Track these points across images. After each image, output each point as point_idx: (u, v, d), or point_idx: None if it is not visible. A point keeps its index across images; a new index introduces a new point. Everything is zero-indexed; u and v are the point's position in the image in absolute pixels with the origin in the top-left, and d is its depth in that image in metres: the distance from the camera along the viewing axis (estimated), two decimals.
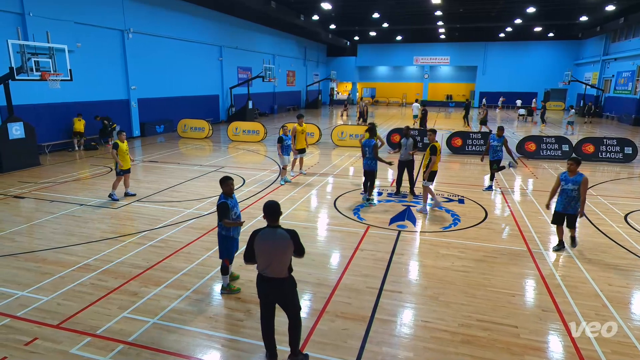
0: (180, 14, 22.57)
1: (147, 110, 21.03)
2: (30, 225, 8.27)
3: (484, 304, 5.47)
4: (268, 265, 3.97)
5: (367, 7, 29.28)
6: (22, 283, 5.87)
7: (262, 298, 4.16)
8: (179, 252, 6.94)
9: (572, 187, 6.71)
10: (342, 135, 18.58)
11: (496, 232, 8.14)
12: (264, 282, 4.06)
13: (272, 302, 4.14)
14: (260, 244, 3.97)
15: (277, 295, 4.11)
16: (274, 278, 4.00)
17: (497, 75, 44.27)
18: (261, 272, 4.04)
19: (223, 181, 5.41)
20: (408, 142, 10.21)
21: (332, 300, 5.52)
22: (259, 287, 4.13)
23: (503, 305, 5.44)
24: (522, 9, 29.24)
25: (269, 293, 4.09)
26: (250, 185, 11.32)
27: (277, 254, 3.93)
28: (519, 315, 5.20)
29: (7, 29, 13.54)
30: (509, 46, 43.52)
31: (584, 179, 6.66)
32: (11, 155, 12.82)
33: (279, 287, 4.04)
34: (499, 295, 5.69)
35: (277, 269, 3.97)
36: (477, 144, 16.66)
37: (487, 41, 43.73)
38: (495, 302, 5.51)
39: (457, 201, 10.11)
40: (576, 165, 6.74)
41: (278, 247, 3.92)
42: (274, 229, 3.97)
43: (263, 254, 3.97)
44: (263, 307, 4.20)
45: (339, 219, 8.79)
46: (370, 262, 6.67)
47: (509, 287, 5.92)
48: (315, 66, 46.64)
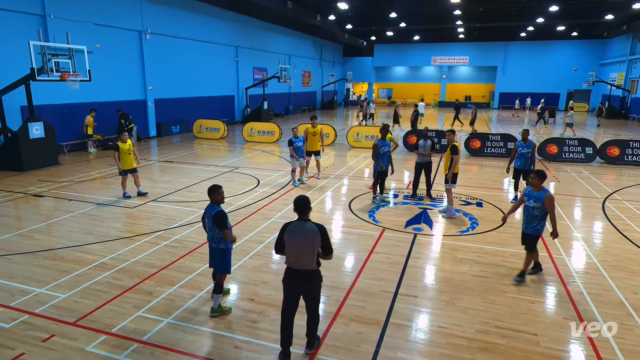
0: (197, 15, 22.88)
1: (164, 110, 21.37)
2: (49, 223, 8.48)
3: (502, 310, 5.38)
4: (297, 259, 4.14)
5: (385, 6, 29.19)
6: (41, 280, 6.02)
7: (287, 291, 4.29)
8: (193, 253, 7.02)
9: (534, 204, 5.92)
10: (357, 136, 18.54)
11: (515, 236, 7.98)
12: (292, 274, 4.21)
13: (297, 295, 4.28)
14: (290, 236, 4.14)
15: (304, 288, 4.24)
16: (302, 270, 4.16)
17: (518, 76, 43.55)
18: (290, 265, 4.21)
19: (214, 189, 5.00)
20: (426, 144, 10.12)
21: (346, 303, 5.50)
22: (286, 280, 4.27)
23: (522, 312, 5.34)
24: (545, 8, 28.71)
25: (296, 285, 4.23)
26: (265, 187, 11.38)
27: (306, 246, 4.09)
28: (539, 323, 5.10)
29: (28, 31, 13.93)
30: (530, 46, 42.77)
31: (546, 196, 5.82)
32: (31, 155, 13.18)
33: (306, 279, 4.19)
34: (518, 301, 5.59)
35: (306, 261, 4.13)
36: (496, 146, 16.43)
37: (508, 41, 43.06)
38: (514, 308, 5.42)
39: (475, 204, 9.98)
40: (539, 180, 5.95)
41: (307, 240, 4.08)
42: (304, 223, 4.15)
43: (292, 246, 4.13)
44: (286, 301, 4.31)
45: (354, 221, 8.76)
46: (386, 265, 6.64)
47: (529, 293, 5.81)
48: (331, 66, 46.67)
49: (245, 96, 28.23)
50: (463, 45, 45.19)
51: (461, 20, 34.11)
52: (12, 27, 13.91)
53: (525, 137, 9.84)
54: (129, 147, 9.98)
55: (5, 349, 4.51)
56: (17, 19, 14.10)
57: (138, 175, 10.42)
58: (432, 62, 46.99)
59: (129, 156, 10.01)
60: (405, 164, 14.49)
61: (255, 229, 8.14)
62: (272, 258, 7.02)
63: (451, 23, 35.13)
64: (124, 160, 9.95)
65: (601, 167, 14.69)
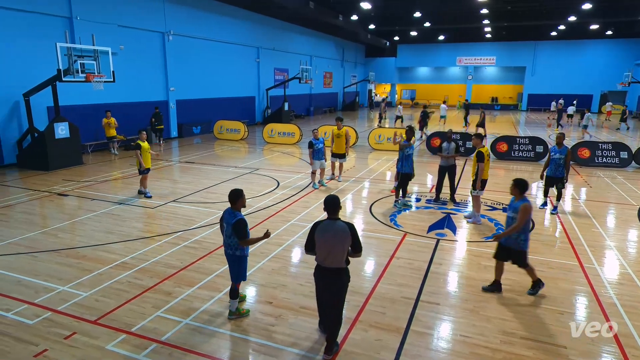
0: (219, 16, 23.24)
1: (185, 111, 21.78)
2: (73, 222, 8.74)
3: (529, 320, 5.24)
4: (327, 257, 4.30)
5: (409, 6, 28.97)
6: (64, 278, 6.21)
7: (318, 287, 4.55)
8: (212, 254, 7.12)
9: (512, 214, 5.65)
10: (379, 138, 18.44)
11: (544, 244, 7.80)
12: (321, 271, 4.41)
13: (326, 291, 4.48)
14: (321, 235, 4.30)
15: (330, 285, 4.40)
16: (331, 268, 4.33)
17: (548, 77, 42.49)
18: (320, 263, 4.39)
19: (237, 196, 4.92)
20: (450, 147, 9.98)
21: (365, 309, 5.47)
22: (318, 279, 4.49)
23: (550, 323, 5.20)
24: (577, 6, 27.95)
25: (324, 283, 4.44)
26: (284, 189, 11.45)
27: (336, 244, 4.26)
28: (568, 335, 4.95)
29: (55, 33, 14.44)
30: (561, 45, 41.71)
31: (521, 207, 5.51)
32: (57, 154, 13.63)
33: (335, 276, 4.36)
34: (545, 312, 5.44)
35: (336, 259, 4.30)
36: (524, 150, 16.07)
37: (537, 40, 42.10)
38: (541, 319, 5.28)
39: (501, 210, 9.78)
40: (515, 189, 5.67)
41: (337, 238, 4.25)
42: (334, 221, 4.32)
43: (323, 245, 4.29)
44: (317, 291, 4.61)
45: (375, 224, 8.72)
46: (407, 271, 6.57)
47: (558, 303, 5.65)
48: (353, 67, 46.62)
49: (266, 97, 28.49)
50: (490, 45, 44.41)
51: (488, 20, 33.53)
52: (39, 29, 14.44)
53: (561, 141, 9.39)
54: (148, 147, 10.36)
55: (29, 344, 4.67)
56: (44, 21, 14.63)
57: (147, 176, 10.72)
58: (458, 62, 46.36)
59: (149, 155, 10.38)
60: (429, 167, 14.33)
61: (274, 231, 8.19)
62: (291, 261, 7.05)
63: (478, 22, 34.57)
64: (146, 159, 10.26)
65: (637, 173, 14.18)
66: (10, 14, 13.62)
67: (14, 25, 13.78)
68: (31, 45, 14.22)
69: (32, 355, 4.50)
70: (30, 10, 14.16)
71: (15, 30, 13.83)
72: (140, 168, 10.35)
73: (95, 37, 13.42)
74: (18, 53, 13.93)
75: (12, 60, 13.78)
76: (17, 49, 13.91)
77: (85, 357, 4.48)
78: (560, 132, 9.86)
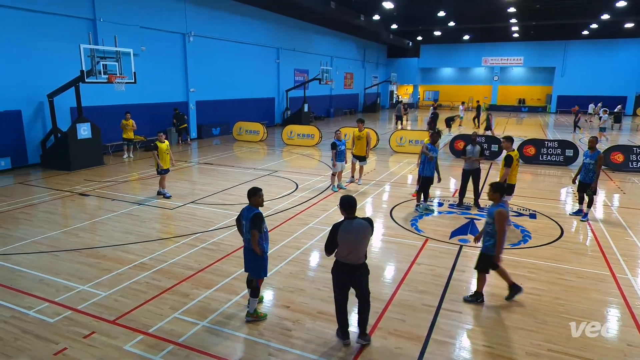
0: (239, 17, 23.53)
1: (205, 112, 22.11)
2: (93, 222, 8.97)
3: (556, 332, 5.11)
4: (349, 253, 4.51)
5: (433, 5, 28.74)
6: (84, 278, 6.37)
7: (339, 284, 4.69)
8: (230, 256, 7.19)
9: (487, 219, 5.57)
10: (401, 140, 18.31)
11: (573, 252, 7.59)
12: (344, 268, 4.59)
13: (348, 287, 4.69)
14: (344, 235, 4.48)
15: (354, 280, 4.65)
16: (353, 264, 4.55)
17: (579, 78, 41.40)
18: (342, 260, 4.58)
19: (255, 192, 5.11)
20: (475, 150, 9.83)
21: (385, 316, 5.43)
22: (337, 274, 4.66)
23: (579, 335, 5.05)
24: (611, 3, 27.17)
25: (347, 278, 4.64)
26: (303, 191, 11.48)
27: (360, 241, 4.52)
28: (599, 349, 4.80)
29: (79, 34, 14.86)
30: (593, 45, 40.62)
31: (496, 212, 5.37)
32: (79, 155, 14.02)
33: (357, 271, 4.60)
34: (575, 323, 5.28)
35: (357, 255, 4.55)
36: (552, 154, 15.70)
37: (568, 39, 41.13)
38: (570, 330, 5.13)
39: (528, 216, 9.57)
40: (493, 193, 5.53)
41: (360, 235, 4.50)
42: (353, 220, 4.55)
43: (346, 243, 4.49)
44: (339, 293, 4.72)
45: (395, 229, 8.65)
46: (428, 277, 6.49)
47: (588, 315, 5.48)
48: (375, 68, 46.47)
49: (286, 98, 28.67)
50: (517, 44, 43.60)
51: (516, 18, 32.93)
52: (63, 31, 14.91)
53: (593, 145, 9.06)
54: (166, 148, 10.48)
55: (49, 342, 4.81)
56: (68, 23, 15.09)
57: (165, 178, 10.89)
58: (483, 62, 45.67)
59: (167, 156, 10.53)
60: (452, 170, 14.14)
61: (293, 234, 8.21)
62: (309, 265, 7.06)
63: (504, 21, 34.00)
64: (163, 160, 10.47)
65: None
66: (35, 16, 14.10)
67: (39, 28, 14.27)
68: (55, 46, 14.69)
69: (52, 353, 4.63)
70: (55, 12, 14.63)
71: (41, 32, 14.32)
72: (158, 168, 10.56)
73: (117, 38, 13.79)
74: (43, 54, 14.41)
75: (37, 61, 14.26)
76: (42, 51, 14.39)
77: (103, 356, 4.58)
78: (593, 136, 9.54)
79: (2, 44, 13.28)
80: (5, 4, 13.19)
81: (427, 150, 9.49)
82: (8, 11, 13.36)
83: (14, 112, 13.83)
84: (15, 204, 10.17)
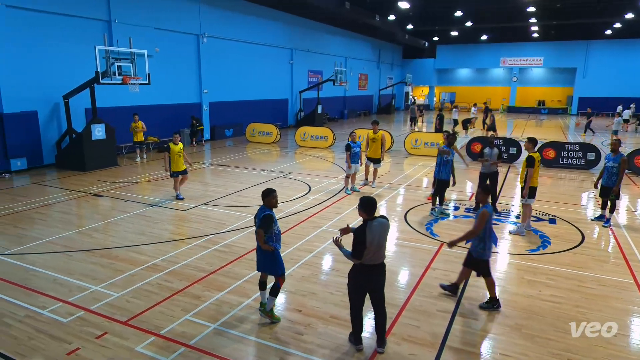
0: (253, 18, 23.69)
1: (218, 113, 22.31)
2: (107, 222, 9.11)
3: (577, 341, 5.00)
4: (374, 253, 4.57)
5: (450, 5, 28.54)
6: (97, 278, 6.47)
7: (356, 286, 4.69)
8: (242, 258, 7.22)
9: None
10: (416, 143, 18.20)
11: (595, 259, 7.44)
12: (364, 269, 4.61)
13: (366, 290, 4.70)
14: (371, 237, 4.52)
15: (372, 280, 4.66)
16: (375, 265, 4.62)
17: (601, 78, 40.61)
18: (367, 262, 4.57)
19: (268, 193, 5.18)
20: (492, 152, 9.72)
21: (398, 321, 5.39)
22: (357, 277, 4.67)
23: (601, 345, 4.94)
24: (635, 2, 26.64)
25: (365, 279, 4.65)
26: (316, 193, 11.48)
27: (383, 239, 4.63)
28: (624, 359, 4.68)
29: (95, 36, 15.14)
30: (617, 45, 39.81)
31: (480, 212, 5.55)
32: (93, 155, 14.27)
33: (375, 271, 4.65)
34: (596, 332, 5.17)
35: (380, 254, 4.64)
36: (573, 157, 15.42)
37: (590, 39, 40.41)
38: (591, 340, 5.02)
39: (547, 221, 9.41)
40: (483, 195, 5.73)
41: (383, 233, 4.62)
42: (373, 221, 4.60)
43: (372, 245, 4.53)
44: (356, 296, 4.72)
45: (410, 233, 8.59)
46: (443, 282, 6.42)
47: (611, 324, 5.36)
48: (390, 69, 46.33)
49: (299, 100, 28.75)
50: (537, 44, 43.00)
51: (535, 18, 32.49)
52: (79, 32, 15.20)
53: (616, 148, 8.90)
54: (179, 150, 10.51)
55: (62, 342, 4.89)
56: (84, 25, 15.38)
57: (186, 178, 10.93)
58: (501, 63, 45.15)
59: (180, 158, 10.54)
60: (469, 173, 14.00)
61: (305, 237, 8.22)
62: (322, 268, 7.05)
63: (524, 21, 33.57)
64: (175, 163, 10.48)
65: None
66: (52, 18, 14.42)
67: (56, 29, 14.58)
68: (71, 48, 14.98)
69: (65, 353, 4.70)
70: (71, 14, 14.94)
71: (57, 34, 14.62)
72: (170, 171, 10.58)
73: (132, 39, 14.01)
74: (59, 56, 14.71)
75: (53, 62, 14.56)
76: (58, 52, 14.69)
77: (115, 357, 4.64)
78: (616, 139, 9.35)
79: (19, 46, 13.59)
80: (24, 6, 13.51)
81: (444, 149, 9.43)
82: (26, 13, 13.68)
83: (31, 112, 14.14)
84: (31, 204, 10.39)
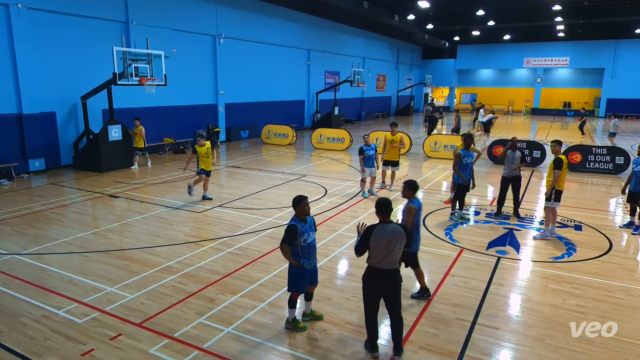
0: (270, 18, 23.86)
1: (233, 115, 22.52)
2: (122, 224, 9.27)
3: (603, 354, 4.88)
4: (384, 258, 4.53)
5: (471, 4, 28.29)
6: (112, 279, 6.59)
7: (370, 292, 4.67)
8: (256, 262, 7.26)
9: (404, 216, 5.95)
10: (435, 145, 18.05)
11: (623, 267, 7.25)
12: (377, 274, 4.59)
13: (379, 296, 4.66)
14: (378, 238, 4.52)
15: (387, 287, 4.62)
16: (388, 270, 4.57)
17: (631, 79, 39.65)
18: (376, 265, 4.58)
19: (299, 201, 4.92)
20: (515, 156, 9.57)
21: (415, 329, 5.34)
22: (370, 281, 4.64)
23: (629, 358, 4.81)
24: None
25: (379, 285, 4.62)
26: (332, 197, 11.48)
27: (395, 247, 4.54)
28: None
29: (112, 37, 15.47)
30: None
31: (407, 207, 5.87)
32: (109, 156, 14.55)
33: (391, 277, 4.61)
34: (624, 345, 5.04)
35: (393, 260, 4.58)
36: (601, 161, 15.08)
37: (619, 39, 39.51)
38: (618, 353, 4.89)
39: (572, 227, 9.22)
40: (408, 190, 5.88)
41: (394, 240, 4.53)
42: (387, 224, 4.59)
43: (380, 247, 4.52)
44: (369, 302, 4.69)
45: (428, 238, 8.51)
46: (463, 290, 6.35)
47: (638, 336, 5.21)
48: (409, 70, 46.10)
49: (316, 101, 28.81)
50: (563, 44, 42.26)
51: (561, 17, 31.95)
52: (97, 34, 15.56)
53: None
54: (206, 150, 10.71)
55: (77, 343, 4.99)
56: (102, 26, 15.73)
57: (209, 180, 11.07)
58: (525, 64, 44.51)
59: (207, 159, 10.75)
60: (489, 177, 13.81)
61: (321, 241, 8.21)
62: (337, 273, 7.04)
63: (549, 20, 33.05)
64: (204, 163, 10.72)
65: None
66: (71, 19, 14.79)
67: (74, 31, 14.95)
68: (89, 49, 15.33)
69: (80, 354, 4.79)
70: (90, 15, 15.30)
71: (76, 35, 14.99)
72: (198, 168, 10.75)
73: (149, 41, 14.26)
74: (77, 57, 15.07)
75: (71, 64, 14.92)
76: (77, 53, 15.05)
77: (129, 359, 4.71)
78: None
79: (38, 47, 13.97)
80: (43, 7, 13.89)
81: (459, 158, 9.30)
82: (45, 15, 14.07)
83: (49, 113, 14.50)
84: (49, 204, 10.65)
